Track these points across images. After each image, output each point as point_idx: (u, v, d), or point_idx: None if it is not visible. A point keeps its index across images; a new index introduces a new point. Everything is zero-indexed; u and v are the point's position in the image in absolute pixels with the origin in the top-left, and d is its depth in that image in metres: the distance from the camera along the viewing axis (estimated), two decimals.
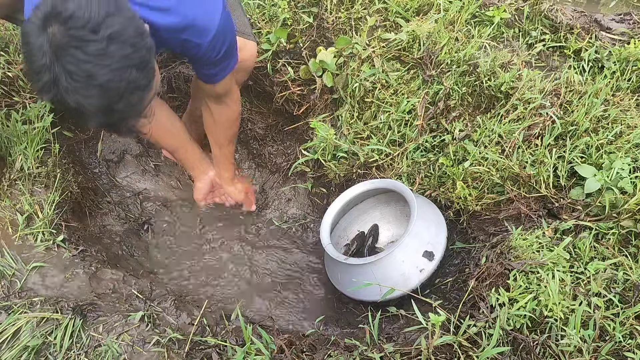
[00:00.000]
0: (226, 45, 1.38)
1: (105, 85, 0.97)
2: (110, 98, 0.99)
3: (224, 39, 1.36)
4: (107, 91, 0.98)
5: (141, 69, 1.01)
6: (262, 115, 2.23)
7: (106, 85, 0.97)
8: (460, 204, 1.68)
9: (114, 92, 0.99)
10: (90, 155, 2.14)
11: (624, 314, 1.28)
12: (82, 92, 0.97)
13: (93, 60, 0.95)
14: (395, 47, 1.90)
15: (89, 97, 0.97)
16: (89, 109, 0.99)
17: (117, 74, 0.97)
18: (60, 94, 0.97)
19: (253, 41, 1.73)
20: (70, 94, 0.97)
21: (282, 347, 1.33)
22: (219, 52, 1.37)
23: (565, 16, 2.09)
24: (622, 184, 1.49)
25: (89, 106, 0.99)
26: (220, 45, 1.35)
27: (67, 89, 0.96)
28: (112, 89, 0.98)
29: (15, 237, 1.56)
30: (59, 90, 0.97)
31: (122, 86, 0.99)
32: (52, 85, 0.96)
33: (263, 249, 2.10)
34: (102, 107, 1.00)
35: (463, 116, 1.79)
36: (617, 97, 1.78)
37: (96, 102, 0.98)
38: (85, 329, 1.41)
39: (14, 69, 1.92)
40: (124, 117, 1.06)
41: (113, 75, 0.97)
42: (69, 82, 0.96)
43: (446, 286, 1.64)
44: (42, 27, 0.94)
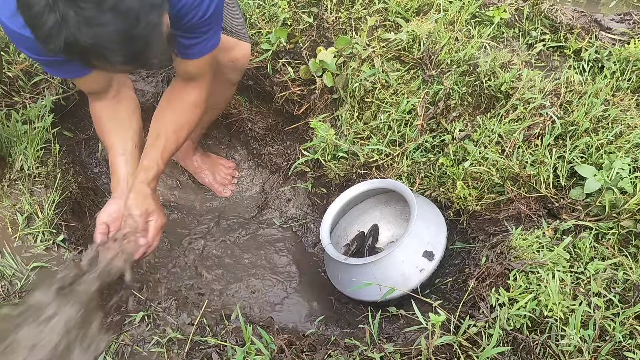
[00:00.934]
0: (212, 8, 1.26)
1: (117, 7, 0.87)
2: (127, 20, 0.89)
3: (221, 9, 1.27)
4: (121, 13, 0.88)
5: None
6: (262, 115, 2.23)
7: (118, 5, 0.87)
8: (460, 204, 1.68)
9: (128, 13, 0.89)
10: (90, 155, 2.14)
11: (624, 314, 1.28)
12: (95, 20, 0.87)
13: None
14: (395, 47, 1.90)
15: (104, 24, 0.87)
16: (108, 40, 0.89)
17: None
18: (72, 34, 0.87)
19: (247, 42, 1.69)
20: (83, 27, 0.87)
21: (282, 347, 1.33)
22: (205, 14, 1.25)
23: (565, 16, 2.09)
24: (622, 184, 1.49)
25: (107, 36, 0.89)
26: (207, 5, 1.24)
27: (79, 24, 0.86)
28: (125, 10, 0.88)
29: (15, 237, 1.56)
30: (70, 29, 0.87)
31: (136, 5, 0.89)
32: (61, 25, 0.87)
33: (263, 248, 2.10)
34: (121, 35, 0.90)
35: (463, 116, 1.79)
36: (617, 97, 1.78)
37: (113, 28, 0.88)
38: None
39: (14, 69, 1.92)
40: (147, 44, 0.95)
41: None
42: (78, 13, 0.86)
43: (446, 286, 1.64)
44: None
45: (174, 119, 1.47)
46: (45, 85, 1.95)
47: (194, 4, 1.21)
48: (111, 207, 1.41)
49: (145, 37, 0.94)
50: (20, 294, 1.46)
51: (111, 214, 1.40)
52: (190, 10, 1.21)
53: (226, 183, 2.23)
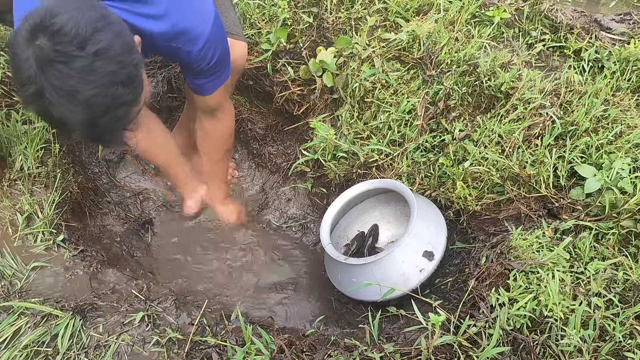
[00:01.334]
0: (217, 54, 1.38)
1: (89, 101, 0.97)
2: (94, 113, 0.99)
3: (215, 48, 1.36)
4: (92, 106, 0.98)
5: (127, 85, 1.01)
6: (262, 115, 2.23)
7: (90, 100, 0.97)
8: (460, 204, 1.68)
9: (98, 108, 0.99)
10: (90, 155, 2.14)
11: (624, 314, 1.28)
12: (67, 106, 0.97)
13: (78, 75, 0.95)
14: (395, 47, 1.90)
15: (73, 111, 0.97)
16: (72, 123, 0.99)
17: (102, 90, 0.97)
18: (45, 107, 0.97)
19: (243, 41, 1.71)
20: (55, 107, 0.97)
21: (282, 347, 1.33)
22: (210, 61, 1.37)
23: (565, 16, 2.09)
24: (622, 184, 1.49)
25: (73, 120, 0.98)
26: (212, 54, 1.36)
27: (52, 102, 0.96)
28: (96, 105, 0.98)
29: (15, 237, 1.56)
30: (44, 102, 0.97)
31: (107, 102, 0.99)
32: (38, 97, 0.96)
33: (263, 248, 2.10)
34: (86, 121, 0.99)
35: (463, 116, 1.79)
36: (617, 97, 1.78)
37: (80, 116, 0.98)
38: (85, 329, 1.41)
39: None
40: (109, 131, 1.06)
41: (98, 91, 0.97)
42: (54, 96, 0.95)
43: (446, 286, 1.64)
44: (29, 39, 0.94)
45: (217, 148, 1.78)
46: None
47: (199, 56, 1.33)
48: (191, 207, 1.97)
49: (107, 126, 1.04)
50: (20, 294, 1.46)
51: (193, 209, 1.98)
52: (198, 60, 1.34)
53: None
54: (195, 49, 1.30)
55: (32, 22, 0.95)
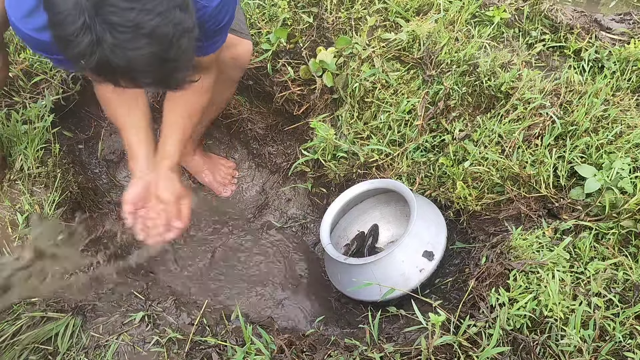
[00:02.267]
0: (227, 17, 1.31)
1: (153, 32, 0.89)
2: (160, 45, 0.92)
3: (227, 9, 1.30)
4: (157, 38, 0.90)
5: (184, 9, 0.94)
6: (262, 115, 2.23)
7: (154, 31, 0.89)
8: (460, 204, 1.68)
9: (163, 39, 0.91)
10: (90, 155, 2.14)
11: (624, 314, 1.28)
12: (131, 44, 0.89)
13: (137, 5, 0.87)
14: (395, 47, 1.90)
15: (139, 48, 0.90)
16: (141, 63, 0.92)
17: (163, 17, 0.90)
18: (106, 54, 0.89)
19: (249, 40, 1.71)
20: (118, 50, 0.89)
21: (282, 347, 1.33)
22: (220, 22, 1.30)
23: (565, 16, 2.09)
24: (622, 184, 1.49)
25: (140, 59, 0.91)
26: (223, 15, 1.29)
27: (114, 45, 0.88)
28: (161, 35, 0.91)
29: (15, 237, 1.56)
30: (104, 49, 0.89)
31: (170, 31, 0.91)
32: (96, 45, 0.88)
33: (263, 248, 2.10)
34: (154, 57, 0.92)
35: (463, 116, 1.79)
36: (617, 97, 1.78)
37: (147, 52, 0.90)
38: (85, 329, 1.41)
39: (14, 69, 1.92)
40: (177, 67, 0.98)
41: (160, 20, 0.89)
42: (115, 36, 0.87)
43: (446, 286, 1.64)
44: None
45: (187, 104, 1.51)
46: (45, 85, 1.95)
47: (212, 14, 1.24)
48: (136, 188, 1.45)
49: (175, 61, 0.96)
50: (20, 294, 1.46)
51: (138, 194, 1.45)
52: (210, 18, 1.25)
53: (226, 183, 2.23)
54: (211, 5, 1.23)
55: None
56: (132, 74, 0.94)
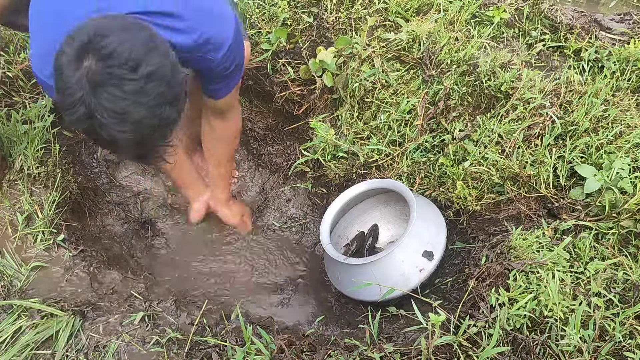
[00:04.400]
0: (237, 60, 1.38)
1: (139, 122, 0.99)
2: (143, 133, 1.01)
3: (235, 54, 1.36)
4: (141, 127, 1.00)
5: (174, 104, 1.03)
6: (262, 115, 2.23)
7: (140, 121, 0.99)
8: (460, 204, 1.68)
9: (147, 128, 1.01)
10: (90, 155, 2.14)
11: (624, 314, 1.28)
12: (117, 127, 0.98)
13: (130, 98, 0.96)
14: (395, 47, 1.90)
15: (123, 132, 0.99)
16: (122, 143, 1.01)
17: (151, 111, 0.99)
18: (94, 127, 0.99)
19: (246, 40, 1.71)
20: (105, 127, 0.98)
21: (282, 347, 1.33)
22: (230, 67, 1.37)
23: (565, 16, 2.09)
24: (622, 184, 1.49)
25: (122, 140, 1.00)
26: (232, 59, 1.36)
27: (102, 124, 0.98)
28: (145, 125, 1.00)
29: (15, 237, 1.56)
30: (93, 123, 0.98)
31: (156, 122, 1.01)
32: (87, 118, 0.97)
33: (263, 248, 2.10)
34: (134, 141, 1.01)
35: (463, 116, 1.79)
36: (617, 97, 1.78)
37: (129, 137, 1.00)
38: (85, 329, 1.41)
39: (14, 69, 1.92)
40: (154, 149, 1.09)
41: (148, 113, 0.99)
42: (104, 117, 0.97)
43: (446, 286, 1.64)
44: (77, 59, 0.95)
45: (224, 150, 1.78)
46: None
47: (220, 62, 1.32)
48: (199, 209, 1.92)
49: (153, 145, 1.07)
50: (20, 294, 1.46)
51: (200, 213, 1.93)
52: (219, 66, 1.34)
53: None
54: (218, 56, 1.30)
55: (80, 42, 0.95)
56: (115, 148, 1.05)
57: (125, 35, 0.96)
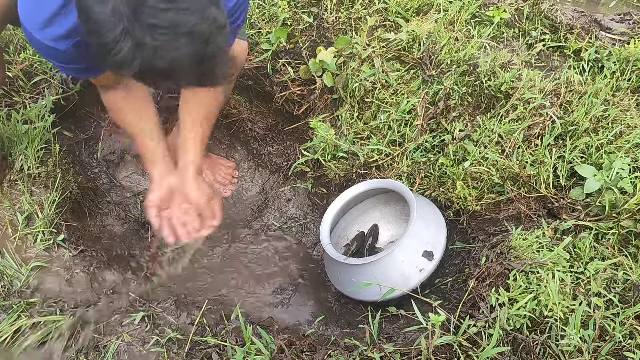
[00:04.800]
0: (244, 14, 1.33)
1: (192, 31, 0.91)
2: (200, 43, 0.94)
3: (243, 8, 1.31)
4: (195, 37, 0.92)
5: (217, 5, 0.96)
6: (262, 115, 2.23)
7: (193, 30, 0.91)
8: (460, 204, 1.68)
9: (201, 37, 0.93)
10: (90, 155, 2.14)
11: (624, 314, 1.28)
12: (171, 44, 0.91)
13: (173, 6, 0.89)
14: (395, 47, 1.90)
15: (178, 48, 0.92)
16: (182, 63, 0.94)
17: (199, 15, 0.91)
18: (148, 58, 0.91)
19: (245, 40, 1.72)
20: (159, 52, 0.91)
21: (282, 347, 1.33)
22: (238, 19, 1.31)
23: (565, 16, 2.09)
24: (622, 184, 1.49)
25: (181, 59, 0.93)
26: (240, 12, 1.30)
27: (155, 48, 0.90)
28: (199, 33, 0.92)
29: (15, 237, 1.56)
30: (147, 51, 0.91)
31: (207, 28, 0.93)
32: (137, 50, 0.90)
33: (263, 248, 2.10)
34: (193, 55, 0.94)
35: (463, 116, 1.79)
36: (617, 97, 1.78)
37: (187, 51, 0.92)
38: (85, 329, 1.41)
39: (14, 69, 1.92)
40: (215, 64, 1.01)
41: (196, 18, 0.91)
42: (155, 38, 0.89)
43: (446, 286, 1.64)
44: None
45: (202, 108, 1.55)
46: (45, 85, 1.95)
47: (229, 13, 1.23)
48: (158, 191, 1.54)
49: (213, 58, 0.98)
50: (20, 294, 1.46)
51: (161, 196, 1.54)
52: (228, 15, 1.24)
53: (226, 183, 2.23)
54: (230, 4, 1.24)
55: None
56: (174, 74, 0.96)
57: None
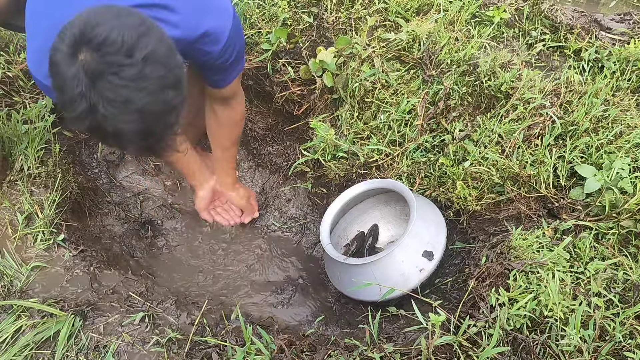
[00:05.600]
0: (236, 51, 1.37)
1: (143, 109, 0.95)
2: (148, 121, 0.98)
3: (234, 46, 1.35)
4: (146, 114, 0.96)
5: (176, 88, 1.00)
6: (262, 115, 2.23)
7: (144, 108, 0.95)
8: (460, 204, 1.68)
9: (152, 115, 0.97)
10: (90, 155, 2.14)
11: (624, 314, 1.28)
12: (121, 117, 0.95)
13: (130, 84, 0.93)
14: (395, 47, 1.90)
15: (128, 122, 0.96)
16: (128, 134, 0.98)
17: (154, 96, 0.96)
18: (97, 121, 0.95)
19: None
20: (109, 120, 0.95)
21: (282, 347, 1.33)
22: (229, 58, 1.36)
23: (565, 16, 2.09)
24: (622, 184, 1.49)
25: (127, 131, 0.97)
26: (231, 51, 1.35)
27: (105, 116, 0.94)
28: (150, 112, 0.97)
29: (15, 237, 1.56)
30: (96, 117, 0.95)
31: (160, 108, 0.98)
32: (90, 113, 0.94)
33: (263, 248, 2.10)
34: (140, 131, 0.98)
35: (463, 116, 1.79)
36: (617, 97, 1.78)
37: (135, 126, 0.97)
38: (85, 329, 1.41)
39: (14, 69, 1.92)
40: (162, 139, 1.05)
41: (150, 98, 0.95)
42: (107, 108, 0.93)
43: (446, 286, 1.64)
44: (71, 54, 0.92)
45: (229, 135, 1.77)
46: None
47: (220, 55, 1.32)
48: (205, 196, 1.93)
49: (160, 134, 1.03)
50: (20, 294, 1.46)
51: (208, 199, 1.94)
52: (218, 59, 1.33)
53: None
54: (216, 49, 1.29)
55: (72, 36, 0.92)
56: (119, 141, 1.00)
57: (115, 22, 0.93)
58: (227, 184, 1.93)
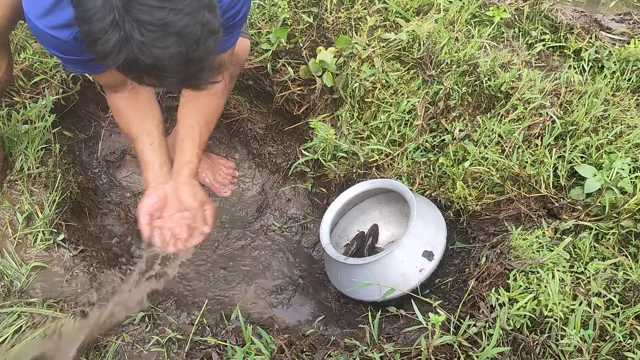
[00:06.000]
0: (242, 12, 1.29)
1: (182, 32, 0.89)
2: (188, 45, 0.91)
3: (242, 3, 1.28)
4: (185, 38, 0.90)
5: (212, 10, 0.94)
6: (262, 115, 2.23)
7: (183, 31, 0.89)
8: (460, 204, 1.68)
9: (191, 39, 0.91)
10: (90, 155, 2.14)
11: (624, 314, 1.28)
12: (159, 43, 0.89)
13: (167, 5, 0.87)
14: (395, 47, 1.90)
15: (167, 47, 0.89)
16: (168, 62, 0.91)
17: (191, 17, 0.89)
18: (134, 52, 0.89)
19: (247, 38, 1.70)
20: (146, 48, 0.89)
21: (282, 347, 1.33)
22: (236, 17, 1.28)
23: (565, 16, 2.09)
24: (622, 184, 1.49)
25: (167, 58, 0.91)
26: (239, 8, 1.27)
27: (142, 44, 0.88)
28: (189, 35, 0.90)
29: (15, 237, 1.56)
30: (132, 47, 0.88)
31: (198, 31, 0.91)
32: (124, 43, 0.88)
33: (263, 248, 2.10)
34: (180, 58, 0.92)
35: (463, 116, 1.79)
36: (617, 97, 1.78)
37: (174, 51, 0.90)
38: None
39: (14, 69, 1.92)
40: (202, 67, 0.99)
41: (188, 20, 0.89)
42: (144, 34, 0.87)
43: (446, 286, 1.64)
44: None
45: (202, 109, 1.50)
46: (46, 85, 1.95)
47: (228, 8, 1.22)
48: (151, 198, 1.45)
49: (201, 62, 0.96)
50: (20, 294, 1.46)
51: (153, 204, 1.45)
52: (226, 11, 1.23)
53: (226, 183, 2.23)
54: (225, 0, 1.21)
55: None
56: (158, 72, 0.94)
57: None
58: (181, 172, 1.46)
